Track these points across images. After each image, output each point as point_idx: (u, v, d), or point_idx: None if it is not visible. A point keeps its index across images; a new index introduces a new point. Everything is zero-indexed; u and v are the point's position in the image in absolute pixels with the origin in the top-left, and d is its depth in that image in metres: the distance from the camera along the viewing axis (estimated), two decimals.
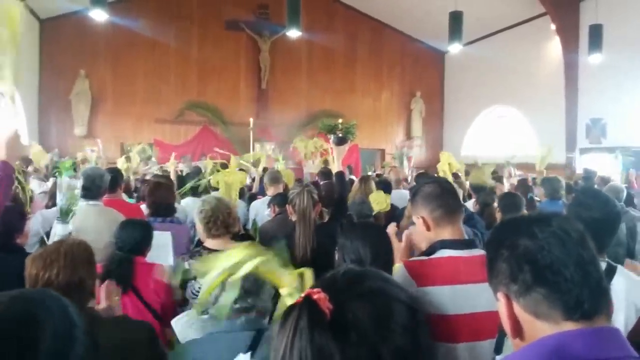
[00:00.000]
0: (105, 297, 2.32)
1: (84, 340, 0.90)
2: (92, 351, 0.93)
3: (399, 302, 0.88)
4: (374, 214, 4.26)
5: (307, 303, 0.82)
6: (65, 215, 3.10)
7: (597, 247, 1.03)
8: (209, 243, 2.93)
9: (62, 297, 0.95)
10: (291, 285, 1.00)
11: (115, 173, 4.30)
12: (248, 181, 6.74)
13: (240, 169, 5.07)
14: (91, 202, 3.49)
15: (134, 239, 2.97)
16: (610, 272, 1.98)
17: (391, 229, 2.21)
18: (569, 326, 0.94)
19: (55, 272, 1.81)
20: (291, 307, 0.85)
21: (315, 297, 0.82)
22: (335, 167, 3.35)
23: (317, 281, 0.94)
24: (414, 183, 6.67)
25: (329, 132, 3.40)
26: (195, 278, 2.77)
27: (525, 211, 4.32)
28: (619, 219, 2.17)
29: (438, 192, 2.00)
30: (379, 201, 4.37)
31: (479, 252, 1.97)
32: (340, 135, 3.35)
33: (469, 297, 1.82)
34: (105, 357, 1.71)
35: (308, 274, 1.05)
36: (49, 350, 0.84)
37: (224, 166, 5.25)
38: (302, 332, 0.80)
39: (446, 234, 1.97)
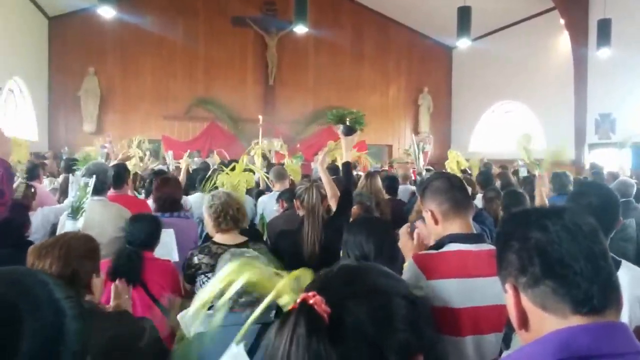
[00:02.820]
0: (114, 297, 2.34)
1: (75, 330, 0.83)
2: (85, 339, 0.85)
3: (399, 296, 0.86)
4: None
5: (304, 309, 0.79)
6: (75, 212, 3.11)
7: (602, 231, 1.03)
8: (218, 237, 2.94)
9: (49, 280, 0.86)
10: (287, 293, 0.99)
11: (121, 169, 4.32)
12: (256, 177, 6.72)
13: (247, 169, 5.05)
14: (95, 198, 3.50)
15: (145, 233, 2.99)
16: (615, 266, 1.98)
17: (404, 228, 2.21)
18: (576, 320, 0.94)
19: (49, 263, 1.82)
20: (287, 314, 0.81)
21: (311, 301, 0.79)
22: (343, 158, 3.32)
23: (311, 283, 0.89)
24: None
25: (337, 122, 3.35)
26: (204, 273, 2.79)
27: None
28: (618, 203, 2.19)
29: (447, 186, 2.01)
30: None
31: (488, 246, 1.96)
32: (349, 125, 3.30)
33: (477, 290, 1.83)
34: (103, 351, 1.73)
35: (306, 275, 1.03)
36: (33, 345, 0.76)
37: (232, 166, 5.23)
38: (299, 340, 0.76)
39: (455, 227, 1.97)
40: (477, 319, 1.84)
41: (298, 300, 0.82)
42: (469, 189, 3.58)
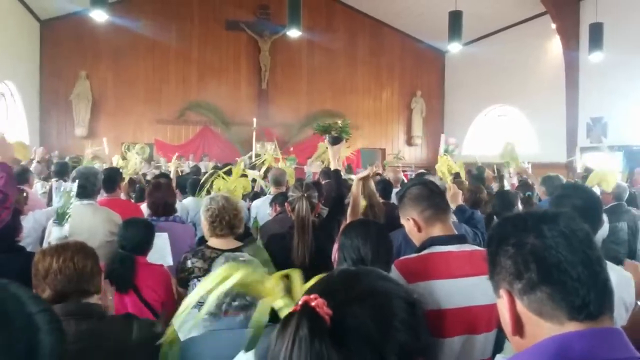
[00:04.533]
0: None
1: (49, 344, 0.82)
2: (60, 352, 0.84)
3: (399, 298, 0.86)
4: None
5: (306, 311, 0.79)
6: (61, 218, 3.09)
7: None
8: (213, 242, 2.93)
9: (22, 294, 0.84)
10: (278, 294, 0.99)
11: (114, 173, 4.29)
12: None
13: (242, 175, 5.05)
14: (85, 202, 3.48)
15: (138, 237, 2.98)
16: None
17: None
18: (572, 326, 0.94)
19: (70, 256, 1.84)
20: (289, 316, 0.82)
21: (313, 303, 0.79)
22: (331, 166, 3.37)
23: (312, 286, 0.90)
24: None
25: (323, 133, 3.43)
26: (197, 277, 2.77)
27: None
28: (600, 205, 2.22)
29: (426, 193, 2.04)
30: None
31: (470, 247, 2.00)
32: (335, 134, 3.38)
33: (462, 291, 1.83)
34: (113, 354, 1.73)
35: (295, 275, 1.03)
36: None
37: (227, 171, 5.21)
38: (301, 342, 0.76)
39: (436, 231, 2.00)
40: (466, 319, 1.85)
41: (300, 303, 0.82)
42: (460, 192, 3.62)
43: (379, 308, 0.83)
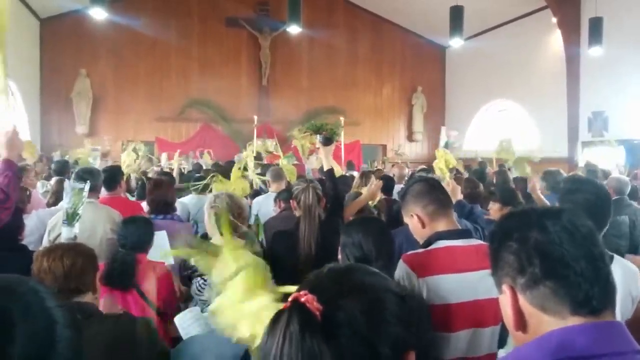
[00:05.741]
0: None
1: (67, 338, 0.83)
2: (78, 348, 0.85)
3: (389, 292, 0.86)
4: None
5: (296, 306, 0.80)
6: (71, 218, 3.09)
7: (597, 227, 1.03)
8: (216, 240, 2.92)
9: (41, 288, 0.86)
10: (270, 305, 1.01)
11: (115, 171, 4.29)
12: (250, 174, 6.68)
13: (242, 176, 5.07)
14: (86, 199, 3.49)
15: (137, 235, 2.98)
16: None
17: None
18: (575, 321, 0.94)
19: (60, 255, 1.89)
20: (279, 312, 0.82)
21: (302, 299, 0.80)
22: (325, 166, 3.38)
23: (303, 283, 0.90)
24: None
25: (315, 133, 3.45)
26: (200, 275, 2.77)
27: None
28: (610, 199, 2.21)
29: (428, 189, 2.07)
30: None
31: (475, 241, 2.01)
32: (326, 135, 3.39)
33: (469, 285, 1.85)
34: (105, 352, 1.73)
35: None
36: (24, 349, 0.76)
37: (225, 172, 5.19)
38: (292, 337, 0.77)
39: (441, 226, 2.01)
40: (473, 313, 1.86)
41: (290, 299, 0.82)
42: (459, 188, 3.62)
43: (369, 302, 0.83)
